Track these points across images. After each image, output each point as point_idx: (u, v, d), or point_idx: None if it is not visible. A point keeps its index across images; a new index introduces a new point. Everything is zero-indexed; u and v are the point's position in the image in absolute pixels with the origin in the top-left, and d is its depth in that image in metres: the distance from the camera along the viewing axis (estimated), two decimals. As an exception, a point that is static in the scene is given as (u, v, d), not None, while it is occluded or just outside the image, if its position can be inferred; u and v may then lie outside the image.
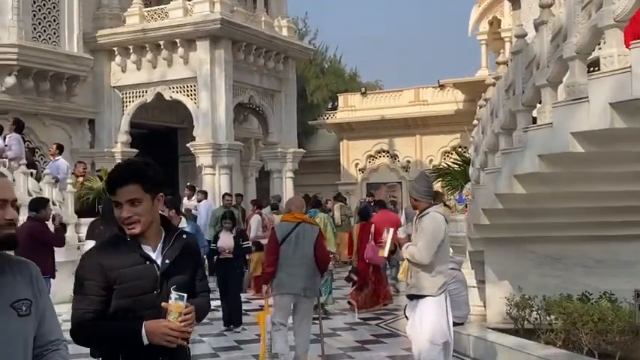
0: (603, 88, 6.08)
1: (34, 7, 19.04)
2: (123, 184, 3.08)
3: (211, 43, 20.34)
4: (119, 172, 3.19)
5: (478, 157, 9.75)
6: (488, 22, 24.78)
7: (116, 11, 21.67)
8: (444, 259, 6.63)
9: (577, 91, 6.46)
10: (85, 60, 20.33)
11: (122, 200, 3.07)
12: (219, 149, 20.32)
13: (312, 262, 8.43)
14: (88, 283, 3.11)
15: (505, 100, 8.18)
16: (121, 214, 3.09)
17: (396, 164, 30.90)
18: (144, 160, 3.36)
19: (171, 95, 21.06)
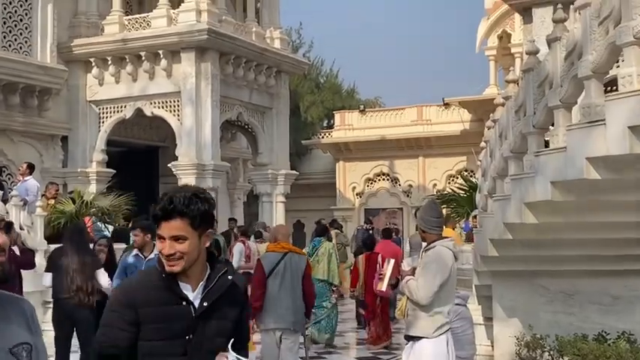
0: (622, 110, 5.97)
1: (5, 13, 19.00)
2: (168, 219, 2.95)
3: (197, 55, 20.24)
4: (165, 204, 3.00)
5: (486, 183, 9.66)
6: (498, 37, 24.83)
7: (94, 19, 21.59)
8: (446, 299, 6.35)
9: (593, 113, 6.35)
10: (58, 71, 20.24)
11: (165, 235, 2.95)
12: (203, 170, 20.17)
13: (300, 294, 8.73)
14: (114, 315, 3.03)
15: (515, 122, 8.07)
16: (163, 249, 2.97)
17: (397, 188, 30.78)
18: (195, 191, 3.14)
19: (153, 111, 20.93)
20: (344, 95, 41.48)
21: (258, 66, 22.21)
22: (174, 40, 20.15)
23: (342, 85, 42.79)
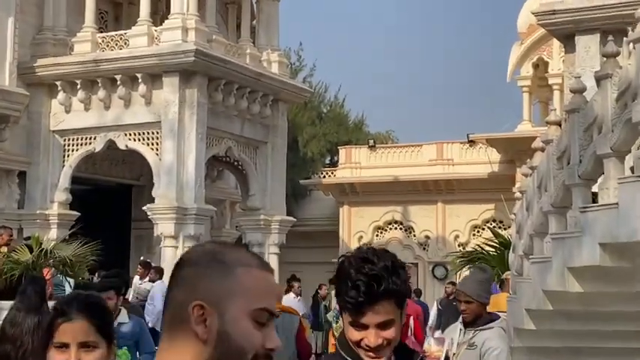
0: (687, 159, 6.00)
1: (-43, 27, 19.12)
2: (374, 302, 2.56)
3: (182, 80, 20.35)
4: (368, 283, 2.56)
5: (521, 241, 9.61)
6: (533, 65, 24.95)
7: (62, 36, 21.73)
8: None
9: (652, 162, 6.38)
10: (18, 96, 20.32)
11: (371, 324, 2.57)
12: (184, 215, 20.14)
13: (294, 354, 9.71)
14: None
15: (557, 171, 8.08)
16: (367, 340, 2.58)
17: (412, 239, 30.80)
18: (392, 257, 2.69)
19: (127, 144, 20.98)
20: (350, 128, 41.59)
21: (253, 93, 22.26)
22: (156, 62, 20.27)
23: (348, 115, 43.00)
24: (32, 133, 21.45)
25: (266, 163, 23.57)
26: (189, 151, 20.32)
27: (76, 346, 2.75)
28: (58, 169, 21.49)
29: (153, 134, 20.67)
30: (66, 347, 2.74)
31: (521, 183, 10.72)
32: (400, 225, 30.98)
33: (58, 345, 2.75)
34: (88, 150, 21.37)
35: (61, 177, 21.39)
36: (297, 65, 38.07)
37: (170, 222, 20.05)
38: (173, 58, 20.05)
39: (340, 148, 34.53)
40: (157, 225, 20.30)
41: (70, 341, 2.73)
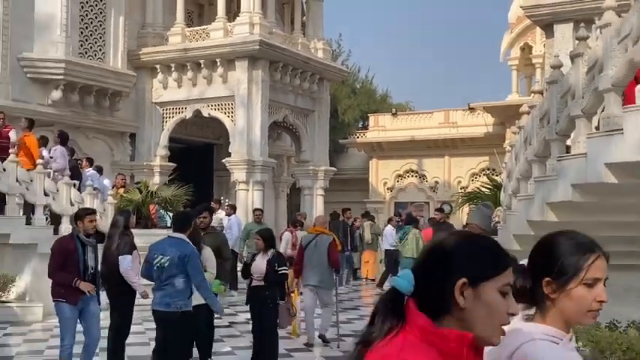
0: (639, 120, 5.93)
1: (82, 24, 19.23)
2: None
3: (250, 64, 20.36)
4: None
5: (511, 183, 9.60)
6: (520, 48, 24.57)
7: (159, 30, 21.83)
8: None
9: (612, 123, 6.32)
10: (128, 76, 20.48)
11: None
12: (253, 165, 20.29)
13: (326, 262, 10.77)
14: None
15: (539, 129, 8.03)
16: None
17: (424, 184, 30.73)
18: None
19: (210, 112, 21.11)
20: (378, 100, 41.34)
21: (303, 73, 22.27)
22: (230, 50, 20.29)
23: (376, 90, 42.67)
24: (139, 105, 21.67)
25: (313, 127, 23.56)
26: (256, 117, 20.40)
27: None
28: (159, 131, 21.73)
29: (228, 105, 20.77)
30: None
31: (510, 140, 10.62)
32: (415, 173, 30.94)
33: None
34: (181, 117, 21.57)
35: (161, 138, 21.64)
36: (337, 51, 37.80)
37: (242, 171, 20.20)
38: (243, 46, 20.04)
39: (370, 115, 34.46)
40: (232, 173, 20.49)
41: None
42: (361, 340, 1.60)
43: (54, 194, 13.85)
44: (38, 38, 18.27)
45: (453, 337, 1.52)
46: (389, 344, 1.53)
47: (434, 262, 1.60)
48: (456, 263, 1.57)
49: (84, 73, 18.91)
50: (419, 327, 1.53)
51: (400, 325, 1.55)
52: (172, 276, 7.03)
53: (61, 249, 7.65)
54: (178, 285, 7.01)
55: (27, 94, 18.09)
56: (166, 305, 7.02)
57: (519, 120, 9.91)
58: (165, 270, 7.00)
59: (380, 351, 1.53)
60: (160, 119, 21.86)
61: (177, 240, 7.14)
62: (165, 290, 7.04)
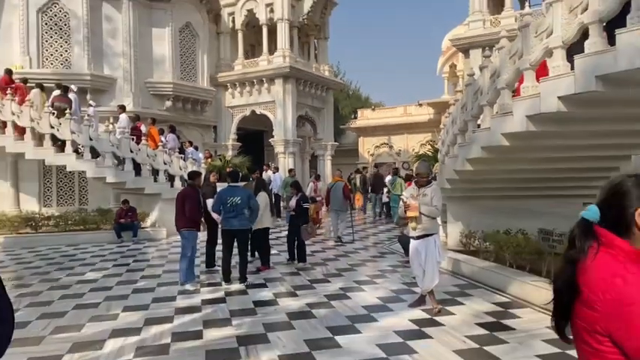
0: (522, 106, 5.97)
1: (181, 59, 19.20)
2: None
3: (283, 81, 20.31)
4: None
5: (444, 148, 9.63)
6: (449, 66, 24.29)
7: (228, 62, 21.72)
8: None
9: (506, 108, 6.35)
10: (210, 91, 20.47)
11: None
12: (288, 142, 20.39)
13: (342, 196, 11.66)
14: None
15: (461, 114, 8.05)
16: None
17: (392, 151, 30.54)
18: None
19: (260, 111, 21.12)
20: (363, 100, 41.00)
21: (316, 85, 22.16)
22: (271, 72, 20.21)
23: (361, 94, 42.35)
24: (218, 108, 21.69)
25: (323, 118, 23.53)
26: (288, 114, 20.41)
27: None
28: (230, 124, 21.79)
29: (271, 106, 20.77)
30: None
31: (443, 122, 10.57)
32: (387, 145, 30.81)
33: None
34: (243, 115, 21.58)
35: (232, 127, 21.71)
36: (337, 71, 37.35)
37: (281, 146, 20.30)
38: (279, 70, 19.96)
39: (358, 110, 34.16)
40: (275, 147, 20.58)
41: None
42: (569, 259, 1.41)
43: (169, 163, 14.05)
44: (155, 69, 18.29)
45: None
46: (604, 260, 1.34)
47: (616, 196, 1.39)
48: (635, 196, 1.36)
49: (184, 89, 18.96)
50: (618, 247, 1.35)
51: (597, 245, 1.36)
52: (242, 208, 7.26)
53: (191, 195, 7.52)
54: (246, 214, 7.31)
55: (150, 104, 18.20)
56: (243, 225, 7.33)
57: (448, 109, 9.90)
58: (237, 206, 7.22)
59: (599, 265, 1.33)
60: (230, 117, 21.89)
61: (236, 187, 7.42)
62: (240, 218, 7.29)
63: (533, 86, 5.78)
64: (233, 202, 7.21)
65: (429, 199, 5.77)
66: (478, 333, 5.04)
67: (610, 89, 4.94)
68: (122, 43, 17.27)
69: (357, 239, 12.13)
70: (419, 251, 5.89)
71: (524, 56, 5.80)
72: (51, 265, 9.34)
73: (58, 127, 12.77)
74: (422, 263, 5.89)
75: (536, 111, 5.67)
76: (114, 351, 4.67)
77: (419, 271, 5.95)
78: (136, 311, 5.99)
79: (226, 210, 7.29)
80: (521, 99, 5.92)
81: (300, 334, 5.02)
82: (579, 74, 5.02)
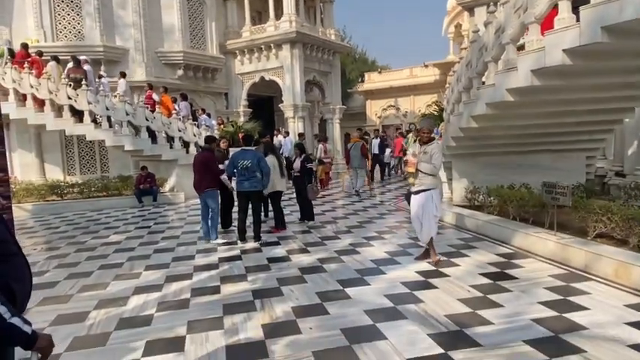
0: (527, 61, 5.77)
1: (190, 28, 18.73)
2: None
3: (291, 46, 19.72)
4: None
5: (449, 107, 9.42)
6: (454, 26, 23.38)
7: (235, 29, 21.09)
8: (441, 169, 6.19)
9: (510, 64, 6.14)
10: (220, 59, 20.06)
11: None
12: (297, 107, 20.06)
13: (360, 154, 12.14)
14: None
15: (466, 71, 7.81)
16: None
17: (399, 113, 30.02)
18: None
19: (269, 77, 20.65)
20: (369, 64, 39.99)
21: (323, 49, 21.50)
22: (279, 38, 19.59)
23: (367, 58, 41.31)
24: (228, 75, 21.26)
25: (332, 82, 23.00)
26: (297, 79, 19.98)
27: None
28: (241, 91, 21.38)
29: (280, 72, 20.31)
30: None
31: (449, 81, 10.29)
32: (393, 107, 30.25)
33: None
34: (252, 81, 21.13)
35: (242, 94, 21.36)
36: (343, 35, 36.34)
37: (291, 110, 20.00)
38: (286, 36, 19.34)
39: (365, 73, 33.43)
40: (285, 112, 20.33)
41: None
42: None
43: (183, 130, 13.98)
44: (166, 38, 17.92)
45: None
46: None
47: None
48: None
49: (194, 58, 18.60)
50: None
51: None
52: (254, 171, 7.23)
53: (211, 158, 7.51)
54: (258, 176, 7.29)
55: (162, 73, 17.94)
56: (255, 187, 7.31)
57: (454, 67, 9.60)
58: (249, 169, 7.19)
59: None
60: (240, 83, 21.49)
61: (248, 151, 7.35)
62: (251, 180, 7.27)
63: (538, 40, 5.55)
64: (243, 165, 7.20)
65: (429, 156, 5.68)
66: (482, 282, 5.05)
67: (615, 40, 4.71)
68: (132, 14, 16.88)
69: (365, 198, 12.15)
70: (417, 205, 5.86)
71: (529, 10, 5.54)
72: (77, 229, 9.49)
73: (76, 98, 12.71)
74: (419, 217, 5.86)
75: (541, 65, 5.47)
76: (137, 306, 4.76)
77: (417, 224, 5.95)
78: (158, 270, 6.08)
79: (239, 173, 7.28)
80: (525, 53, 5.70)
81: (311, 287, 5.07)
82: (584, 26, 4.78)
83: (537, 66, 5.54)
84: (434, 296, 4.67)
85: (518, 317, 4.09)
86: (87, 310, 4.70)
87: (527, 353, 3.45)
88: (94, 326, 4.30)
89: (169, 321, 4.33)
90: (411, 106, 29.22)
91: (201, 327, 4.14)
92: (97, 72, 14.97)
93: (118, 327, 4.25)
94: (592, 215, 5.84)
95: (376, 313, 4.28)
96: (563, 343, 3.58)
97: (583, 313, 4.13)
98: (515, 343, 3.60)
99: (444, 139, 9.21)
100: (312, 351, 3.58)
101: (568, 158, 8.93)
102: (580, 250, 5.40)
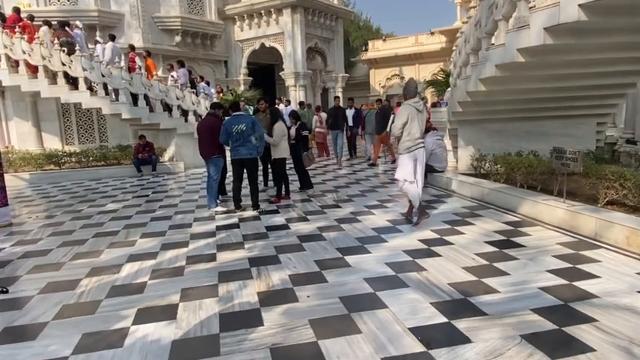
0: (540, 18, 5.42)
1: (187, -8, 18.22)
2: None
3: (292, 11, 19.18)
4: None
5: (455, 70, 9.06)
6: (461, -9, 22.73)
7: (235, -6, 20.57)
8: (410, 132, 5.75)
9: (522, 22, 5.79)
10: (219, 25, 19.56)
11: None
12: (298, 75, 19.64)
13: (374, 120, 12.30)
14: None
15: (474, 32, 7.44)
16: None
17: (403, 82, 29.44)
18: None
19: (270, 44, 20.17)
20: (374, 31, 39.03)
21: (325, 14, 20.92)
22: (279, 2, 19.03)
23: (372, 25, 40.31)
24: (227, 42, 20.81)
25: (334, 49, 22.47)
26: (298, 45, 19.48)
27: None
28: (240, 58, 20.96)
29: (280, 38, 19.81)
30: None
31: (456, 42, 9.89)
32: (398, 76, 29.66)
33: None
34: (253, 48, 20.68)
35: (242, 62, 20.92)
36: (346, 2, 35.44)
37: (292, 79, 19.59)
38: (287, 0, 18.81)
39: (369, 41, 32.61)
40: (286, 80, 19.91)
41: None
42: None
43: (182, 99, 13.67)
44: (162, 3, 17.41)
45: None
46: None
47: None
48: None
49: (193, 23, 18.13)
50: None
51: None
52: (249, 135, 7.00)
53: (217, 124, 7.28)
54: (253, 141, 7.05)
55: (160, 39, 17.51)
56: (250, 154, 7.06)
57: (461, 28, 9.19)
58: (243, 132, 6.95)
59: None
60: (240, 51, 21.03)
61: (240, 115, 7.09)
62: (247, 146, 7.03)
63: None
64: (238, 129, 6.93)
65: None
66: (488, 250, 4.87)
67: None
68: (127, -23, 16.36)
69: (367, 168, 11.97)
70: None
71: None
72: (74, 198, 9.34)
73: (70, 64, 12.36)
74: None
75: (555, 22, 5.14)
76: (130, 274, 4.62)
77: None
78: (153, 237, 5.94)
79: (233, 139, 7.03)
80: (538, 9, 5.35)
81: (310, 255, 4.91)
82: (604, -24, 4.44)
83: (551, 23, 5.21)
84: (437, 264, 4.50)
85: (525, 285, 3.92)
86: (78, 278, 4.56)
87: (535, 322, 3.29)
88: (84, 294, 4.17)
89: (163, 289, 4.19)
90: (416, 75, 28.58)
91: (195, 295, 4.00)
92: (93, 38, 14.56)
93: (110, 295, 4.11)
94: (603, 182, 5.62)
95: (377, 281, 4.12)
96: (573, 312, 3.42)
97: (594, 282, 3.96)
98: (522, 312, 3.44)
99: (450, 104, 8.91)
100: (309, 319, 3.44)
101: (578, 125, 8.64)
102: (590, 218, 5.20)
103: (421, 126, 5.80)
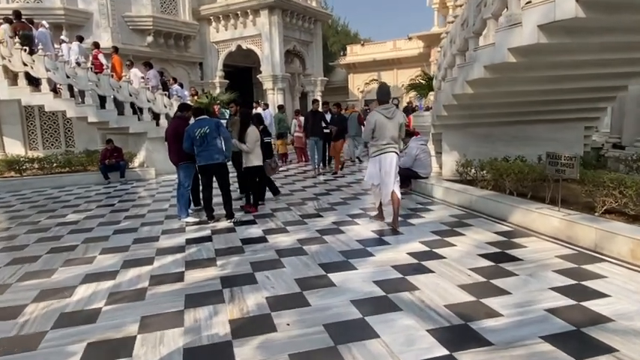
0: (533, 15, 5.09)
1: (160, -9, 17.56)
2: None
3: (269, 12, 18.71)
4: None
5: (440, 72, 8.72)
6: (439, -4, 22.64)
7: (211, -5, 19.98)
8: (378, 138, 5.81)
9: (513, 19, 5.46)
10: (194, 25, 18.94)
11: None
12: (276, 78, 19.15)
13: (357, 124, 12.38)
14: None
15: (461, 31, 7.10)
16: None
17: (381, 87, 29.45)
18: None
19: (247, 46, 19.63)
20: (352, 36, 38.87)
21: (304, 17, 20.52)
22: (256, 3, 18.53)
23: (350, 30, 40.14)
24: (202, 44, 20.17)
25: (313, 53, 22.08)
26: (276, 48, 19.00)
27: None
28: (216, 60, 20.32)
29: (258, 40, 19.31)
30: None
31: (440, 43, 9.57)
32: (376, 81, 29.52)
33: None
34: (229, 50, 20.10)
35: (218, 64, 20.30)
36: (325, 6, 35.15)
37: (270, 82, 19.09)
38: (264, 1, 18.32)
39: (347, 46, 32.47)
40: (264, 84, 19.39)
41: None
42: None
43: (153, 101, 13.03)
44: (134, 2, 16.72)
45: None
46: None
47: None
48: None
49: (165, 24, 17.49)
50: None
51: None
52: (213, 138, 6.49)
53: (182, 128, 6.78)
54: (219, 145, 6.55)
55: (131, 40, 16.80)
56: (217, 159, 6.57)
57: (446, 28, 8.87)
58: (207, 135, 6.44)
59: None
60: (216, 52, 20.41)
61: (203, 119, 6.58)
62: (212, 151, 6.52)
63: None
64: (202, 133, 6.42)
65: None
66: (483, 265, 4.48)
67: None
68: (96, -25, 15.63)
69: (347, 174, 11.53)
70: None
71: (538, -45, 4.84)
72: (32, 208, 8.64)
73: (32, 64, 11.60)
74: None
75: (550, 19, 4.81)
76: (84, 298, 4.05)
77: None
78: (115, 253, 5.36)
79: (197, 144, 6.50)
80: (532, 6, 5.02)
81: (290, 273, 4.43)
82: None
83: (546, 20, 4.89)
84: (430, 282, 4.08)
85: (530, 307, 3.52)
86: (23, 304, 3.98)
87: (549, 353, 2.88)
88: (27, 324, 3.59)
89: (119, 316, 3.64)
90: (394, 80, 28.47)
91: (157, 324, 3.48)
92: (58, 37, 13.79)
93: (56, 325, 3.55)
94: (601, 189, 5.31)
95: (365, 303, 3.67)
96: (589, 340, 3.03)
97: (604, 302, 3.59)
98: (531, 341, 3.03)
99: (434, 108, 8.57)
100: (289, 354, 2.96)
101: (566, 129, 8.41)
102: (589, 228, 4.87)
103: (392, 132, 5.83)
